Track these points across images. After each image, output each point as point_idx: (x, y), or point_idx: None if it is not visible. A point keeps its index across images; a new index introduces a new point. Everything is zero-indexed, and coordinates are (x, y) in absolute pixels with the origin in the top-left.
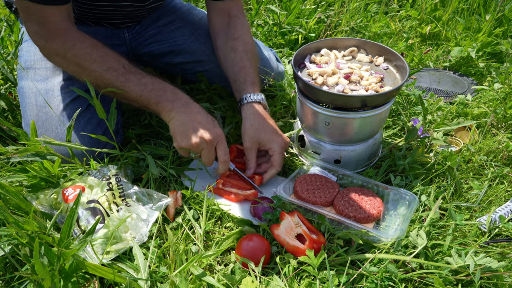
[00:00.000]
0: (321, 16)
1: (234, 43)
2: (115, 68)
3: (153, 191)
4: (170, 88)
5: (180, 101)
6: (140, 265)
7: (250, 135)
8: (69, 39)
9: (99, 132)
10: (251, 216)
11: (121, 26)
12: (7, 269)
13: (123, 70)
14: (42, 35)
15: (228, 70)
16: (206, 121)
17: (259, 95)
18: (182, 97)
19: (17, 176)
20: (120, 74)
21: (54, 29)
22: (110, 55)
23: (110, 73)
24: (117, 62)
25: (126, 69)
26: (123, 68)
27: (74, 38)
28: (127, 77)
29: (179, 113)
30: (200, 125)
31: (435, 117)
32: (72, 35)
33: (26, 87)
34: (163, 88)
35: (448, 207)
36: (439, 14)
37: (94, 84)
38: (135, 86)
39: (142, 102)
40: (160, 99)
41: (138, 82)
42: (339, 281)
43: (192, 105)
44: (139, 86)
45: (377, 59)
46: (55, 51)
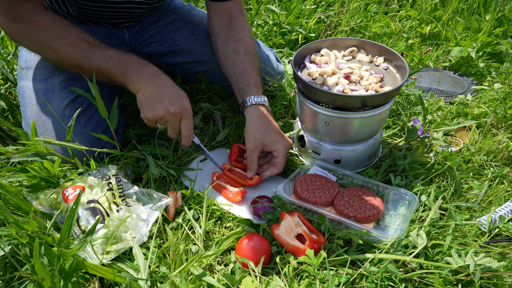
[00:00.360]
0: (321, 16)
1: (236, 45)
2: (78, 43)
3: (153, 191)
4: (136, 59)
5: (147, 73)
6: (140, 265)
7: (255, 137)
8: (33, 19)
9: (99, 132)
10: (251, 215)
11: (121, 26)
12: (7, 269)
13: (86, 45)
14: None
15: (230, 72)
16: (173, 93)
17: (262, 97)
18: (149, 69)
19: (17, 176)
20: (83, 49)
21: (22, 11)
22: (72, 31)
23: (73, 48)
24: (80, 37)
25: (90, 44)
26: (87, 43)
27: (36, 17)
28: (92, 51)
29: (146, 84)
30: (167, 97)
31: (435, 117)
32: (36, 14)
33: (26, 87)
34: (130, 60)
35: (448, 207)
36: (439, 14)
37: (60, 62)
38: (100, 59)
39: (109, 75)
40: (127, 71)
41: (103, 55)
42: (339, 281)
43: (159, 77)
44: (104, 59)
45: (377, 59)
46: (20, 32)
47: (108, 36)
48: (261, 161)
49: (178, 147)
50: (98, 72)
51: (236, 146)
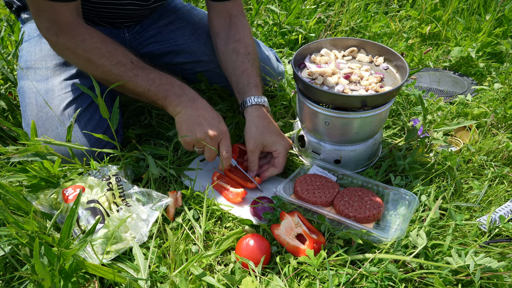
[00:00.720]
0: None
1: (236, 45)
2: (123, 62)
3: (153, 191)
4: (177, 83)
5: (187, 96)
6: (140, 265)
7: (255, 137)
8: (78, 34)
9: (99, 132)
10: (251, 215)
11: (121, 26)
12: (7, 269)
13: (131, 65)
14: (54, 31)
15: (230, 72)
16: (212, 117)
17: (262, 98)
18: (189, 92)
19: (17, 176)
20: (128, 69)
21: (64, 25)
22: (118, 50)
23: (118, 67)
24: (125, 56)
25: (134, 64)
26: (131, 63)
27: (84, 33)
28: (135, 72)
29: (186, 107)
30: (206, 121)
31: (435, 117)
32: (81, 30)
33: (26, 87)
34: (171, 83)
35: (448, 207)
36: (439, 14)
37: (102, 79)
38: (143, 81)
39: (150, 97)
40: (168, 94)
41: (146, 77)
42: (339, 281)
43: (198, 101)
44: (147, 81)
45: (377, 59)
46: (65, 45)
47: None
48: (261, 161)
49: (178, 147)
50: (139, 93)
51: (236, 146)
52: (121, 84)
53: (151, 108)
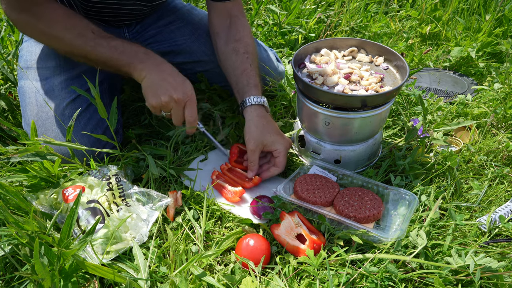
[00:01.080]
0: (321, 16)
1: (236, 45)
2: (83, 33)
3: (153, 191)
4: (142, 49)
5: (151, 61)
6: (140, 265)
7: (255, 137)
8: (40, 9)
9: (99, 132)
10: (251, 214)
11: (122, 24)
12: (7, 269)
13: (92, 35)
14: (14, 7)
15: (229, 72)
16: (177, 81)
17: (261, 98)
18: (153, 57)
19: (17, 176)
20: (89, 39)
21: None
22: (78, 22)
23: (79, 39)
24: (86, 27)
25: (96, 34)
26: (92, 33)
27: (45, 9)
28: (97, 41)
29: (151, 72)
30: (170, 85)
31: (435, 117)
32: (43, 5)
33: (27, 87)
34: (134, 49)
35: (448, 207)
36: (439, 14)
37: (67, 52)
38: (105, 49)
39: (114, 65)
40: (132, 60)
41: (108, 45)
42: (339, 281)
43: (164, 65)
44: (109, 49)
45: (377, 59)
46: (26, 22)
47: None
48: (261, 161)
49: (179, 147)
50: (104, 62)
51: (236, 146)
52: (85, 55)
53: None
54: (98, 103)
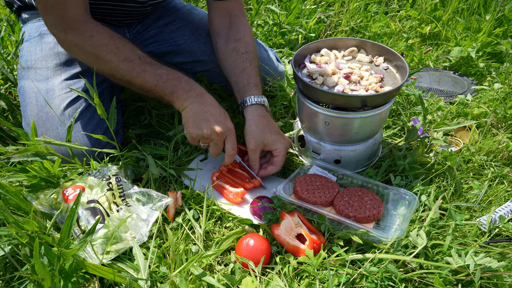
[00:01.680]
0: (321, 16)
1: (236, 44)
2: (130, 58)
3: (153, 191)
4: (185, 78)
5: (195, 92)
6: (140, 265)
7: (256, 136)
8: (86, 30)
9: (99, 132)
10: (251, 215)
11: (122, 24)
12: (7, 269)
13: (138, 61)
14: (62, 28)
15: (229, 71)
16: (219, 114)
17: (261, 97)
18: (197, 88)
19: (17, 176)
20: (135, 64)
21: (72, 21)
22: (126, 46)
23: (126, 63)
24: (133, 52)
25: (142, 60)
26: (139, 59)
27: (92, 29)
28: (143, 67)
29: (193, 103)
30: (213, 117)
31: (435, 117)
32: (89, 26)
33: (27, 87)
34: (178, 78)
35: (448, 207)
36: (439, 14)
37: (110, 75)
38: (151, 76)
39: (157, 92)
40: (175, 89)
41: (154, 72)
42: (339, 281)
43: (206, 96)
44: (154, 77)
45: (377, 59)
46: (73, 42)
47: None
48: (261, 160)
49: (179, 146)
50: (147, 89)
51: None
52: (129, 80)
53: (151, 108)
54: (97, 104)
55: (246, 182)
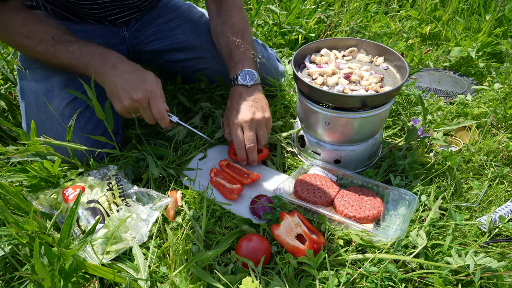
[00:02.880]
0: (321, 16)
1: (223, 27)
2: (44, 40)
3: (153, 191)
4: (98, 50)
5: (109, 64)
6: (140, 265)
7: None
8: (1, 19)
9: (98, 132)
10: (251, 214)
11: (119, 23)
12: (7, 269)
13: (52, 41)
14: None
15: (223, 57)
16: (135, 79)
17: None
18: (110, 59)
19: (17, 176)
20: (49, 45)
21: None
22: (40, 27)
23: (40, 46)
24: (46, 33)
25: (55, 40)
26: (52, 40)
27: (6, 18)
28: (56, 47)
29: (110, 76)
30: (129, 85)
31: (435, 117)
32: (3, 15)
33: (26, 87)
34: (91, 52)
35: (448, 207)
36: (439, 14)
37: (34, 58)
38: (64, 55)
39: (76, 71)
40: (89, 65)
41: (67, 50)
42: (339, 281)
43: (120, 65)
44: (67, 55)
45: (377, 59)
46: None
47: (107, 35)
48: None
49: (179, 146)
50: (67, 68)
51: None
52: (48, 61)
53: None
54: (95, 105)
55: (244, 178)
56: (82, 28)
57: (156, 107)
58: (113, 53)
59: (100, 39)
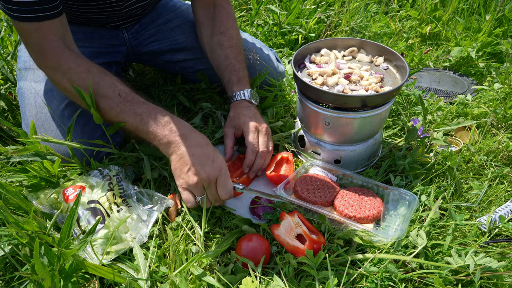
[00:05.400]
0: (321, 16)
1: (220, 38)
2: (109, 96)
3: (154, 191)
4: (166, 118)
5: (177, 134)
6: (140, 265)
7: (230, 122)
8: (64, 61)
9: (98, 133)
10: (251, 214)
11: (119, 26)
12: (7, 269)
13: (118, 99)
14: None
15: (215, 66)
16: (205, 154)
17: (243, 93)
18: (180, 128)
19: (17, 176)
20: (114, 103)
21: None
22: (106, 80)
23: (104, 101)
24: (113, 89)
25: (122, 97)
26: (119, 96)
27: (69, 61)
28: (122, 107)
29: (176, 147)
30: (197, 160)
31: (435, 117)
32: (67, 56)
33: (25, 87)
34: (160, 119)
35: (448, 207)
36: (439, 14)
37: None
38: (130, 117)
39: (140, 135)
40: (156, 131)
41: (133, 112)
42: (339, 281)
43: (191, 136)
44: (134, 117)
45: (377, 59)
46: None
47: (108, 36)
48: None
49: None
50: (129, 130)
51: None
52: (109, 119)
53: None
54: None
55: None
56: (82, 29)
57: (224, 187)
58: (181, 122)
59: (100, 40)
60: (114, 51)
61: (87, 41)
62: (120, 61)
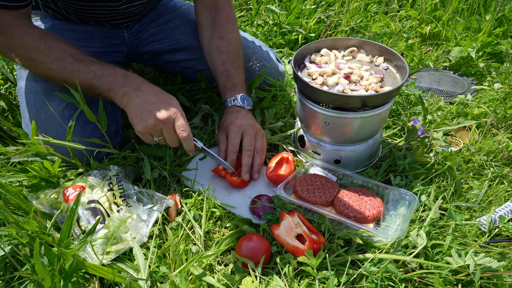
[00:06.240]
0: (321, 16)
1: (219, 42)
2: (62, 57)
3: (154, 191)
4: (121, 73)
5: (131, 86)
6: (140, 265)
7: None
8: (16, 33)
9: (98, 132)
10: (251, 214)
11: (120, 25)
12: (7, 269)
13: (70, 60)
14: None
15: (213, 70)
16: (160, 101)
17: (234, 98)
18: (133, 81)
19: (17, 176)
20: (68, 63)
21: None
22: (57, 45)
23: (57, 63)
24: (65, 51)
25: (74, 58)
26: (71, 57)
27: (22, 32)
28: (75, 66)
29: (132, 97)
30: (154, 106)
31: (435, 117)
32: (19, 28)
33: (26, 87)
34: (113, 73)
35: (448, 207)
36: (439, 14)
37: (45, 76)
38: (84, 75)
39: (94, 91)
40: (111, 86)
41: (87, 70)
42: (339, 281)
43: (144, 87)
44: (88, 74)
45: (377, 59)
46: (5, 45)
47: (108, 35)
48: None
49: (179, 147)
50: (84, 88)
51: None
52: (64, 80)
53: None
54: (84, 108)
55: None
56: (82, 28)
57: (182, 126)
58: (135, 75)
59: (100, 39)
60: (115, 50)
61: (87, 41)
62: (121, 61)
